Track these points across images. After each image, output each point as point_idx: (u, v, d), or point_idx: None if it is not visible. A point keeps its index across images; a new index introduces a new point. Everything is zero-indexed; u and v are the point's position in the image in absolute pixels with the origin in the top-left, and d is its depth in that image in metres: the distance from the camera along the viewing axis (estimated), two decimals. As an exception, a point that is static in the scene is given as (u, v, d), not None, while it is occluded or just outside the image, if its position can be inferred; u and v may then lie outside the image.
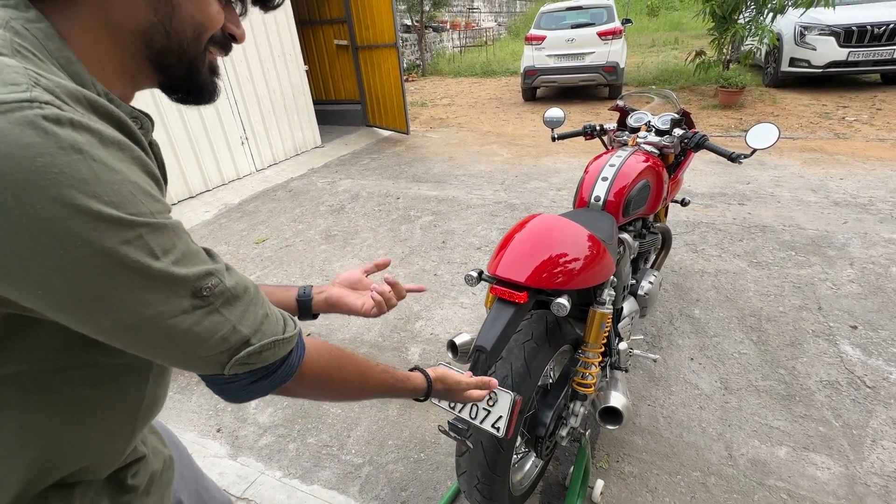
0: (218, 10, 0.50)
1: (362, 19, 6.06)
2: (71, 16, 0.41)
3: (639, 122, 2.00)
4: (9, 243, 0.32)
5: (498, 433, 0.94)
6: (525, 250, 1.09)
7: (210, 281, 0.43)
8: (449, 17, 15.17)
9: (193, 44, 0.49)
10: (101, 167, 0.35)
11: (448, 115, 7.72)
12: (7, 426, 0.43)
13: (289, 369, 0.51)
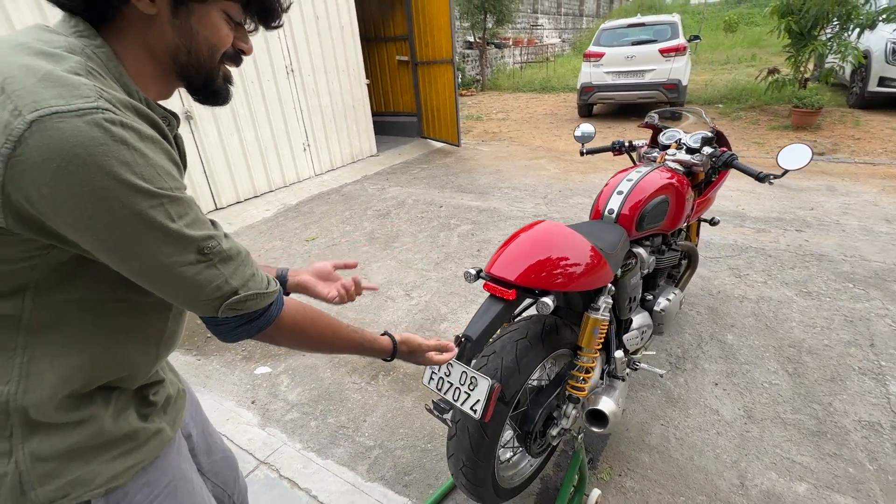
0: (227, 33, 0.64)
1: (423, 37, 6.37)
2: (122, 40, 0.58)
3: (670, 139, 2.01)
4: (77, 202, 0.48)
5: (475, 415, 1.02)
6: (520, 252, 1.17)
7: (211, 243, 0.57)
8: (512, 33, 15.38)
9: (209, 60, 0.64)
10: (139, 154, 0.50)
11: (501, 129, 7.84)
12: (72, 338, 0.60)
13: (268, 318, 0.64)
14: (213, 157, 4.30)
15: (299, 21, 4.89)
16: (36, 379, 0.57)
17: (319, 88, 5.29)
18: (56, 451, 0.59)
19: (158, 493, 0.69)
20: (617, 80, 7.15)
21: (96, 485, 0.62)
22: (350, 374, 2.24)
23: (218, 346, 2.51)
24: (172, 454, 0.74)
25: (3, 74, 0.47)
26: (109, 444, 0.63)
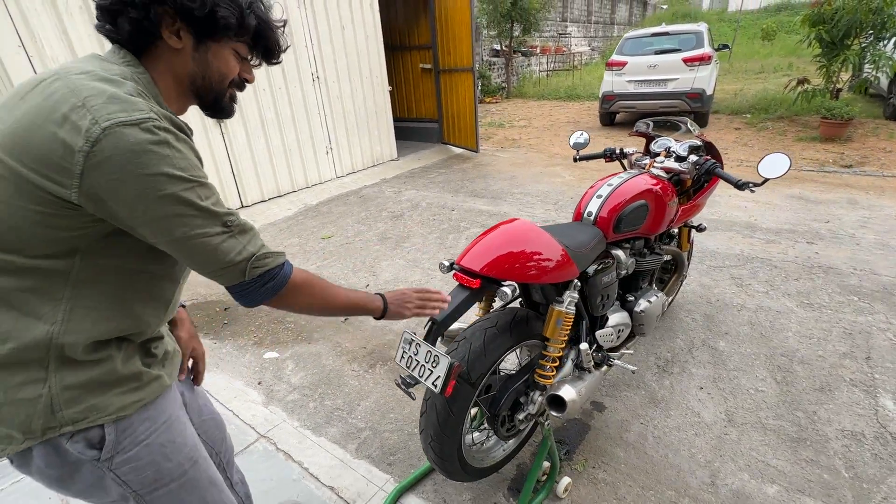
0: (234, 65, 0.83)
1: (445, 45, 6.56)
2: (155, 67, 0.77)
3: (660, 147, 2.07)
4: (131, 185, 0.65)
5: (435, 389, 1.14)
6: (487, 246, 1.28)
7: (231, 218, 0.75)
8: (539, 41, 15.44)
9: (219, 84, 0.83)
10: (176, 151, 0.68)
11: (521, 136, 7.93)
12: (104, 295, 0.76)
13: (284, 276, 0.80)
14: (241, 157, 4.58)
15: (326, 31, 5.15)
16: (74, 324, 0.73)
17: (343, 94, 5.54)
18: (79, 383, 0.75)
19: (157, 427, 0.84)
20: (639, 88, 7.12)
21: (108, 412, 0.77)
22: (350, 362, 2.38)
23: (232, 332, 2.71)
24: (169, 400, 0.89)
25: (83, 94, 0.65)
26: (119, 382, 0.79)
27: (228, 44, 0.80)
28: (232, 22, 0.77)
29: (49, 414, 0.73)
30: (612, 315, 1.71)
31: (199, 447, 0.94)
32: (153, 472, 0.83)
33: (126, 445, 0.79)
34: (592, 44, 19.72)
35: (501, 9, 10.87)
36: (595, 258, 1.55)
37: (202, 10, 0.74)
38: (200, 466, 0.92)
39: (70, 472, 0.77)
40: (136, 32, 0.73)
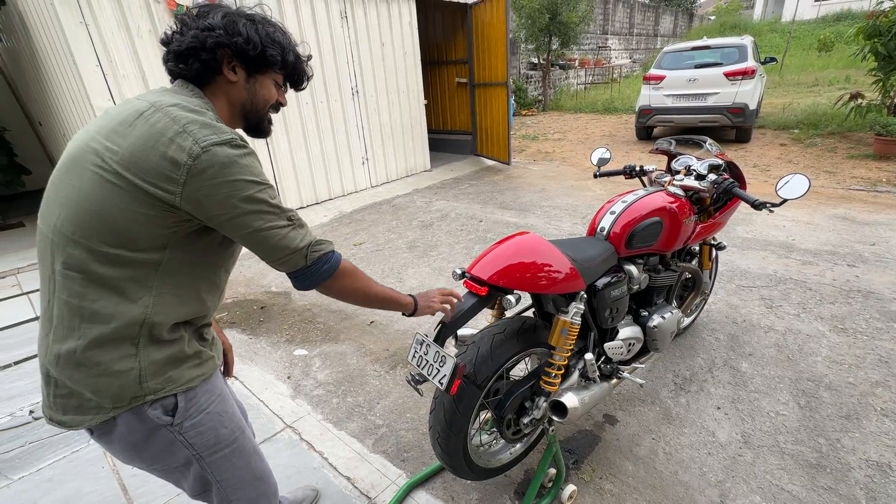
0: (275, 93, 1.02)
1: (481, 60, 6.72)
2: (215, 97, 0.95)
3: (681, 165, 2.10)
4: (220, 189, 0.82)
5: (441, 387, 1.23)
6: (496, 257, 1.37)
7: (293, 213, 0.92)
8: (578, 54, 15.39)
9: (263, 109, 1.01)
10: (251, 161, 0.86)
11: (555, 149, 7.94)
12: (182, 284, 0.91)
13: (336, 259, 0.95)
14: (283, 166, 4.87)
15: (366, 48, 5.42)
16: (160, 308, 0.88)
17: (381, 108, 5.78)
18: (161, 358, 0.90)
19: (214, 399, 1.00)
20: (677, 102, 7.00)
21: (180, 384, 0.93)
22: (372, 362, 2.51)
23: (267, 329, 2.90)
24: (219, 378, 1.06)
25: (182, 122, 0.82)
26: (188, 359, 0.94)
27: (271, 76, 0.99)
28: (277, 59, 0.96)
29: (137, 384, 0.88)
30: (623, 329, 1.74)
31: (243, 420, 1.10)
32: (213, 437, 0.99)
33: (192, 413, 0.95)
34: (634, 56, 19.41)
35: (540, 23, 10.97)
36: (605, 272, 1.60)
37: (255, 51, 0.93)
38: (247, 436, 1.08)
39: (146, 437, 0.92)
40: (203, 70, 0.91)
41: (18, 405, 2.26)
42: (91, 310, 0.84)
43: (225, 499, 1.07)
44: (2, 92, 5.81)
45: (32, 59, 4.45)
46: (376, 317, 2.97)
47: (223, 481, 1.04)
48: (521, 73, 12.92)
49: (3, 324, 3.10)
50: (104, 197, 0.81)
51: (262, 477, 1.12)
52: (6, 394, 2.36)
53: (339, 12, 5.04)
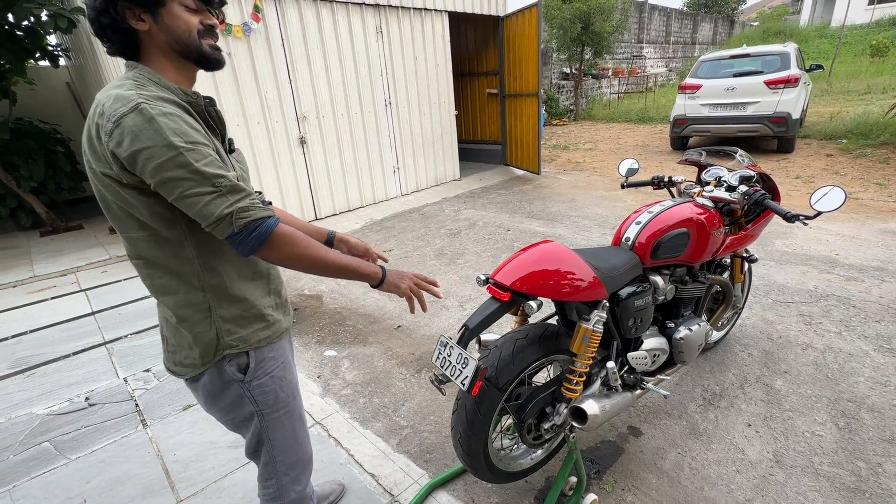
0: (190, 17, 0.91)
1: (512, 71, 6.79)
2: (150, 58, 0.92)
3: (712, 176, 2.08)
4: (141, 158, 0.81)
5: (463, 387, 1.28)
6: (519, 263, 1.42)
7: (220, 179, 0.85)
8: (612, 63, 15.21)
9: (189, 39, 0.92)
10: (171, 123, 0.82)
11: (586, 159, 7.88)
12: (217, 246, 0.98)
13: (269, 226, 0.89)
14: (318, 175, 5.07)
15: (400, 62, 5.60)
16: (212, 271, 0.98)
17: (412, 119, 5.93)
18: (231, 317, 1.02)
19: (279, 364, 1.13)
20: (714, 112, 6.82)
21: (250, 343, 1.05)
22: (399, 365, 2.58)
23: (299, 329, 3.03)
24: (287, 346, 1.19)
25: (101, 104, 0.85)
26: (254, 320, 1.06)
27: (173, 4, 0.90)
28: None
29: (217, 343, 1.02)
30: (648, 339, 1.74)
31: (298, 390, 1.22)
32: (273, 398, 1.12)
33: (259, 374, 1.08)
34: (670, 64, 19.00)
35: (572, 33, 10.95)
36: (629, 282, 1.61)
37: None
38: (297, 402, 1.21)
39: (222, 389, 1.07)
40: (118, 37, 0.90)
41: (76, 392, 2.46)
42: (159, 285, 0.99)
43: (272, 459, 1.19)
44: (69, 105, 6.33)
45: (96, 75, 4.85)
46: (403, 321, 3.05)
47: (273, 441, 1.17)
48: (553, 83, 12.90)
49: (64, 318, 3.37)
50: (102, 194, 0.92)
51: (301, 443, 1.24)
52: (65, 381, 2.57)
53: (374, 27, 5.24)
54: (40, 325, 3.28)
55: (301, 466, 1.26)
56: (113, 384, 2.51)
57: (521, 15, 6.29)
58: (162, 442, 2.05)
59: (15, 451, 2.05)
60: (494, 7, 6.55)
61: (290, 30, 4.53)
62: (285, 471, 1.22)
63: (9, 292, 3.93)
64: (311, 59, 4.74)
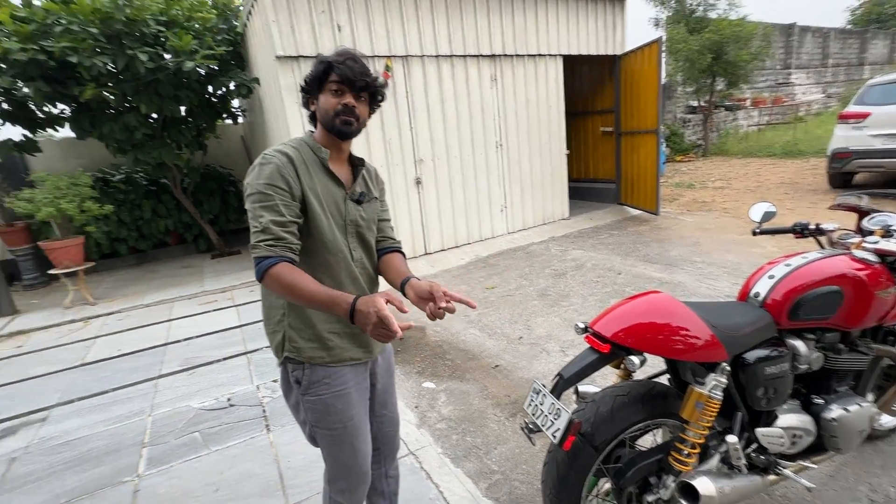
0: (333, 101, 1.18)
1: (629, 109, 6.56)
2: (319, 129, 1.25)
3: (876, 224, 1.74)
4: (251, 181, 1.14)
5: (554, 440, 1.23)
6: (622, 313, 1.34)
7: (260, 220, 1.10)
8: (750, 93, 13.71)
9: (327, 116, 1.20)
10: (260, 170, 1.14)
11: (715, 198, 7.11)
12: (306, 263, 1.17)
13: (263, 265, 1.08)
14: (429, 212, 5.41)
15: (512, 105, 5.81)
16: None
17: (522, 159, 6.04)
18: (296, 326, 1.21)
19: (332, 391, 1.23)
20: (889, 143, 5.67)
21: (304, 355, 1.22)
22: (494, 406, 2.55)
23: (402, 358, 3.20)
24: (350, 377, 1.25)
25: None
26: (314, 338, 1.22)
27: (326, 89, 1.19)
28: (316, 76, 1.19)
29: (282, 346, 1.23)
30: (785, 415, 1.47)
31: (354, 422, 1.26)
32: (318, 417, 1.24)
33: (311, 391, 1.23)
34: (828, 90, 16.42)
35: (700, 65, 10.20)
36: (757, 344, 1.41)
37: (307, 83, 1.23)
38: (347, 433, 1.26)
39: (288, 389, 1.28)
40: (310, 113, 1.26)
41: (222, 392, 2.91)
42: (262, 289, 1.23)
43: (325, 460, 1.34)
44: (241, 154, 7.80)
45: (262, 129, 5.93)
46: (502, 361, 3.03)
47: (322, 449, 1.31)
48: (677, 118, 12.06)
49: (220, 328, 4.05)
50: None
51: (347, 468, 1.30)
52: (216, 382, 3.07)
53: (489, 76, 5.55)
54: (203, 332, 3.98)
55: (345, 485, 1.32)
56: (248, 390, 2.92)
57: (639, 52, 6.11)
58: (280, 448, 2.30)
59: (175, 435, 2.49)
60: (611, 47, 6.47)
61: (414, 83, 5.04)
62: (330, 480, 1.35)
63: (186, 302, 4.87)
64: (430, 108, 5.19)
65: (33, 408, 2.93)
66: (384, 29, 4.74)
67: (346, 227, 1.25)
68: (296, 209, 1.13)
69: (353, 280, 1.26)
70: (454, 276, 4.84)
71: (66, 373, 3.43)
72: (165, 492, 2.06)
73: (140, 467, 2.24)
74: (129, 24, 4.34)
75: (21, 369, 3.60)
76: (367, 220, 1.29)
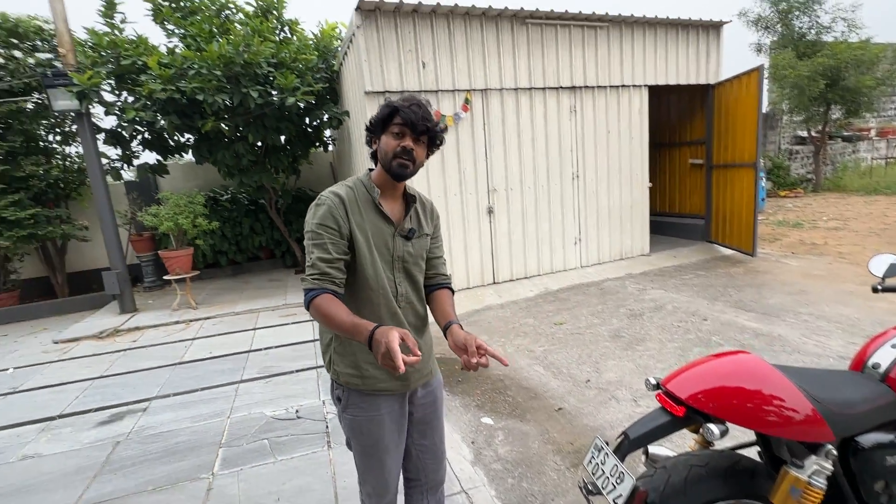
0: (393, 143, 1.26)
1: (723, 140, 6.09)
2: (377, 168, 1.34)
3: None
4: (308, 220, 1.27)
5: (614, 507, 1.13)
6: (700, 373, 1.20)
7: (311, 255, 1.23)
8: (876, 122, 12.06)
9: (386, 157, 1.28)
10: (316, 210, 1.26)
11: (828, 240, 6.26)
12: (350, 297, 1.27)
13: (309, 297, 1.19)
14: (500, 242, 5.39)
15: (591, 135, 5.67)
16: None
17: (599, 191, 5.84)
18: (339, 352, 1.31)
19: (365, 416, 1.31)
20: None
21: (341, 378, 1.31)
22: (554, 453, 2.41)
23: (462, 389, 3.16)
24: (384, 406, 1.32)
25: None
26: (350, 366, 1.31)
27: (388, 131, 1.27)
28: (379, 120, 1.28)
29: (329, 366, 1.35)
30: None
31: (383, 443, 1.33)
32: (352, 433, 1.35)
33: (346, 412, 1.33)
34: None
35: (811, 92, 9.21)
36: (876, 426, 1.19)
37: (371, 125, 1.31)
38: (377, 451, 1.33)
39: (338, 403, 1.36)
40: (372, 152, 1.33)
41: (291, 403, 3.09)
42: None
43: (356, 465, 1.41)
44: (329, 179, 8.46)
45: (349, 157, 6.39)
46: (565, 404, 2.87)
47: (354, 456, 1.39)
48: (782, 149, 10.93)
49: (296, 340, 4.33)
50: None
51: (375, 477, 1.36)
52: (287, 392, 3.26)
53: (569, 107, 5.50)
54: (281, 343, 4.28)
55: (372, 489, 1.39)
56: (315, 404, 3.06)
57: (737, 81, 5.69)
58: (338, 466, 2.37)
59: (248, 440, 2.67)
60: (704, 76, 6.11)
61: (492, 115, 5.14)
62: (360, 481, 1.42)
63: (269, 314, 5.29)
64: (506, 139, 5.25)
65: (138, 398, 3.33)
66: (466, 65, 4.93)
67: (394, 263, 1.33)
68: (343, 247, 1.24)
69: (393, 315, 1.31)
70: (521, 309, 4.74)
71: (166, 369, 3.87)
72: (234, 494, 2.20)
73: (215, 466, 2.43)
74: (245, 67, 4.98)
75: (133, 361, 4.13)
76: (414, 256, 1.36)
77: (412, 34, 4.66)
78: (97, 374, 3.85)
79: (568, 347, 3.69)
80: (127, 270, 5.69)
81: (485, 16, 4.91)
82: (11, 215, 5.55)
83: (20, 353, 4.63)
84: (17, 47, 5.70)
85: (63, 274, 6.76)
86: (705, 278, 5.17)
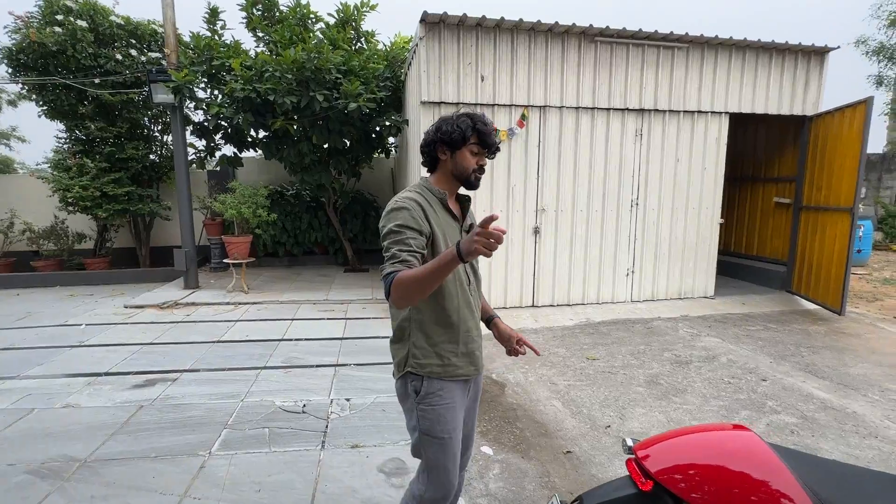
0: (472, 159, 1.40)
1: (816, 179, 5.38)
2: (439, 172, 1.46)
3: None
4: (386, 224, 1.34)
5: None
6: (680, 445, 1.01)
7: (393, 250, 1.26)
8: None
9: (465, 173, 1.41)
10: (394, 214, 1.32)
11: (945, 308, 5.25)
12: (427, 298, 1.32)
13: (390, 278, 1.20)
14: (544, 265, 5.17)
15: (657, 162, 5.28)
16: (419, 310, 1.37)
17: (661, 222, 5.40)
18: (419, 345, 1.38)
19: (444, 402, 1.38)
20: None
21: (424, 370, 1.37)
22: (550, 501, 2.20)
23: (470, 412, 3.02)
24: (459, 392, 1.42)
25: None
26: (434, 356, 1.38)
27: (467, 148, 1.38)
28: (462, 137, 1.36)
29: (405, 362, 1.40)
30: None
31: (457, 432, 1.41)
32: (429, 426, 1.38)
33: (426, 401, 1.37)
34: None
35: (945, 133, 7.86)
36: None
37: (448, 137, 1.37)
38: (452, 442, 1.40)
39: (404, 396, 1.43)
40: (429, 159, 1.45)
41: (301, 397, 3.15)
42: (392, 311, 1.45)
43: (424, 470, 1.44)
44: (388, 184, 8.71)
45: (406, 165, 6.53)
46: (576, 447, 2.62)
47: (426, 458, 1.42)
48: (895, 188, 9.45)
49: (326, 336, 4.44)
50: None
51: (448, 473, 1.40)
52: (301, 385, 3.33)
53: (634, 131, 5.18)
54: (312, 336, 4.42)
55: (436, 492, 1.41)
56: (322, 402, 3.09)
57: (840, 114, 5.01)
58: (324, 469, 2.35)
59: (251, 426, 2.75)
60: (800, 106, 5.46)
61: (548, 133, 4.98)
62: (422, 486, 1.44)
63: (310, 307, 5.50)
64: (561, 158, 5.04)
65: (173, 368, 3.59)
66: (526, 80, 4.83)
67: None
68: (422, 243, 1.31)
69: (467, 304, 1.42)
70: (555, 337, 4.48)
71: (205, 345, 4.14)
72: (221, 476, 2.26)
73: (214, 446, 2.52)
74: (315, 72, 5.29)
75: (182, 333, 4.48)
76: None
77: (474, 47, 4.67)
78: (148, 341, 4.23)
79: (595, 386, 3.40)
80: (195, 250, 6.24)
81: (551, 32, 4.79)
82: (111, 191, 6.34)
83: (96, 312, 5.23)
84: (134, 47, 6.56)
85: (147, 247, 7.59)
86: (775, 332, 4.55)
